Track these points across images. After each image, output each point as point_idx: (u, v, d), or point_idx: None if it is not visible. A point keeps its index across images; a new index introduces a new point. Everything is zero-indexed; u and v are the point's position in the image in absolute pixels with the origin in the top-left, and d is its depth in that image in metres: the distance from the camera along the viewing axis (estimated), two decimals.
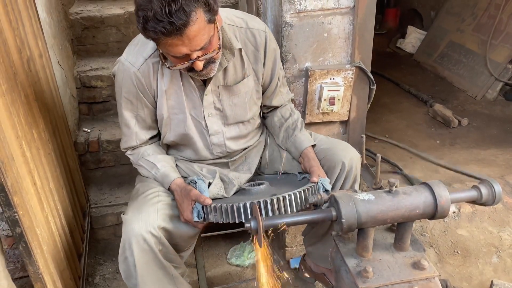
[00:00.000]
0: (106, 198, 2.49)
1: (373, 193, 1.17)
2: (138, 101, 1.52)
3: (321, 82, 1.86)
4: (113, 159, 2.64)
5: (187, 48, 1.25)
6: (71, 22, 2.91)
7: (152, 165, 1.58)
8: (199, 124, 1.57)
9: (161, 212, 1.45)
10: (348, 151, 1.61)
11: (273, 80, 1.66)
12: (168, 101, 1.52)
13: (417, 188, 1.18)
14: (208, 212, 1.43)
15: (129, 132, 1.58)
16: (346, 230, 1.13)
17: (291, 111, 1.74)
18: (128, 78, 1.47)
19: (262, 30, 1.55)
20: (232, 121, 1.60)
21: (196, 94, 1.52)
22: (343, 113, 1.97)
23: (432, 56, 4.13)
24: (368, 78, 1.93)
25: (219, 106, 1.56)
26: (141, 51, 1.47)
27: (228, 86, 1.55)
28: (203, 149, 1.62)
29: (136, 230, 1.38)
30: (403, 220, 1.17)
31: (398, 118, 3.31)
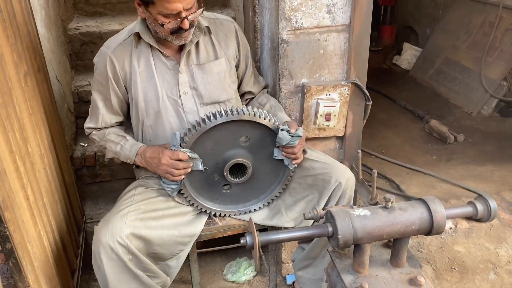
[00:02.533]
0: (102, 213, 2.47)
1: (369, 209, 1.16)
2: (108, 84, 1.60)
3: (317, 98, 1.87)
4: (109, 174, 2.62)
5: (182, 5, 1.41)
6: (69, 38, 2.92)
7: (121, 137, 1.64)
8: (175, 102, 1.62)
9: (132, 220, 1.46)
10: (346, 171, 1.63)
11: (249, 66, 1.77)
12: (141, 82, 1.59)
13: (413, 204, 1.18)
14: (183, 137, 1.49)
15: (96, 112, 1.66)
16: (343, 246, 1.12)
17: (267, 98, 1.82)
18: (102, 60, 1.58)
19: (230, 21, 1.72)
20: (208, 100, 1.64)
21: (170, 73, 1.60)
22: (339, 128, 1.97)
23: (428, 73, 4.16)
24: (363, 94, 1.93)
25: (193, 85, 1.62)
26: (116, 37, 1.62)
27: (201, 65, 1.63)
28: (178, 130, 1.64)
29: (103, 240, 1.40)
30: (399, 236, 1.16)
31: (395, 133, 3.32)
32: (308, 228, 1.20)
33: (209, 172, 1.58)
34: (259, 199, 1.69)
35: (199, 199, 1.63)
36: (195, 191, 1.61)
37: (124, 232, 1.42)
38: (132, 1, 3.36)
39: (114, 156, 1.66)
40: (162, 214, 1.55)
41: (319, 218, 1.28)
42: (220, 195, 1.66)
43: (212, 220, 1.70)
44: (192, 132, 1.48)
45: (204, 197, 1.64)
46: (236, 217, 1.71)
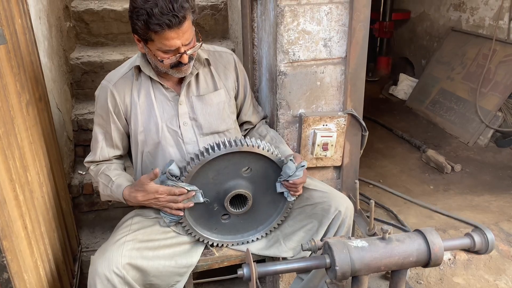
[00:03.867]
0: (98, 242, 2.45)
1: (367, 240, 1.16)
2: (108, 117, 1.62)
3: (314, 128, 1.89)
4: (106, 203, 2.61)
5: (180, 41, 1.44)
6: (71, 67, 2.97)
7: (109, 178, 1.63)
8: (175, 133, 1.64)
9: (128, 249, 1.45)
10: (344, 200, 1.64)
11: (247, 97, 1.81)
12: (141, 114, 1.62)
13: (410, 235, 1.18)
14: (178, 170, 1.49)
15: (96, 146, 1.68)
16: (340, 277, 1.12)
17: (266, 130, 1.85)
18: (104, 94, 1.61)
19: (229, 53, 1.76)
20: (207, 130, 1.66)
21: (170, 104, 1.63)
22: (336, 158, 1.99)
23: (424, 103, 4.22)
24: (360, 124, 1.96)
25: (193, 115, 1.65)
26: (118, 71, 1.65)
27: (201, 96, 1.66)
28: (178, 158, 1.65)
29: (99, 270, 1.39)
30: (397, 267, 1.16)
31: (392, 163, 3.33)
32: (306, 259, 1.20)
33: (209, 202, 1.59)
34: (258, 230, 1.69)
35: (197, 228, 1.63)
36: (193, 220, 1.61)
37: (120, 262, 1.41)
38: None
39: (110, 198, 1.66)
40: (159, 245, 1.54)
41: (317, 249, 1.28)
42: (218, 225, 1.65)
43: (209, 250, 1.69)
44: (195, 163, 1.48)
45: (202, 227, 1.64)
46: (234, 248, 1.70)
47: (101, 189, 1.65)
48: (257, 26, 2.08)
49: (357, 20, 1.78)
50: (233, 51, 3.14)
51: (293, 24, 1.77)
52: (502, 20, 3.73)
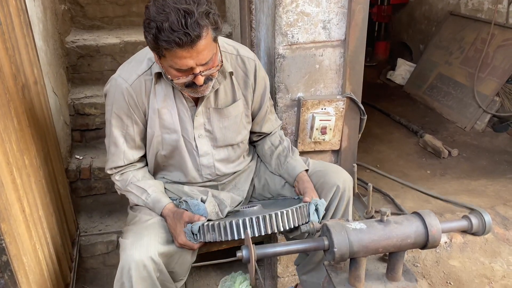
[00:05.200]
0: (96, 226, 2.45)
1: (365, 222, 1.17)
2: (128, 118, 1.52)
3: (313, 112, 1.89)
4: (104, 187, 2.62)
5: (194, 61, 1.30)
6: (67, 51, 2.94)
7: (142, 190, 1.56)
8: (190, 144, 1.58)
9: (161, 238, 1.44)
10: (341, 173, 1.63)
11: (263, 107, 1.70)
12: (160, 120, 1.53)
13: (408, 218, 1.19)
14: (205, 231, 1.42)
15: (117, 151, 1.56)
16: (338, 259, 1.12)
17: (280, 138, 1.76)
18: (120, 93, 1.48)
19: (252, 59, 1.61)
20: (222, 143, 1.62)
21: (187, 115, 1.54)
22: (334, 142, 1.99)
23: (422, 88, 4.21)
24: (359, 108, 1.95)
25: (209, 128, 1.58)
26: (134, 68, 1.50)
27: (219, 109, 1.58)
28: (192, 170, 1.62)
29: (137, 256, 1.36)
30: (395, 249, 1.16)
31: (389, 148, 3.34)
32: (304, 241, 1.20)
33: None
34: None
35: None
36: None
37: (157, 249, 1.39)
38: (129, 15, 3.41)
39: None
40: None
41: (315, 232, 1.28)
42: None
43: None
44: (215, 236, 1.41)
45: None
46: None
47: (133, 199, 1.59)
48: (255, 8, 2.06)
49: (357, 2, 1.76)
50: (231, 35, 3.11)
51: (292, 6, 1.75)
52: (501, 4, 3.70)
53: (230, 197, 1.66)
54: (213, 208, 1.56)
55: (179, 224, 1.46)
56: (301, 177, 1.64)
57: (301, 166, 1.67)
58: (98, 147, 2.78)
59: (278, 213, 1.40)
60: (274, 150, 1.74)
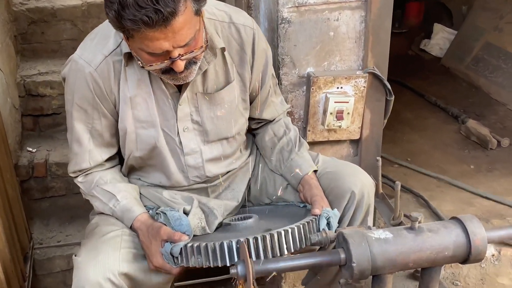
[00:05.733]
0: (54, 237, 2.46)
1: (391, 230, 1.17)
2: (94, 110, 1.51)
3: (326, 91, 1.88)
4: (64, 187, 2.62)
5: (170, 43, 1.27)
6: (14, 15, 2.93)
7: (110, 195, 1.55)
8: (172, 140, 1.57)
9: (125, 254, 1.44)
10: (358, 176, 1.62)
11: (264, 87, 1.68)
12: (134, 111, 1.52)
13: (446, 225, 1.19)
14: (188, 254, 1.40)
15: (81, 150, 1.56)
16: (358, 277, 1.13)
17: (285, 127, 1.75)
18: (82, 80, 1.47)
19: (249, 26, 1.59)
20: (214, 137, 1.61)
21: (168, 103, 1.53)
22: (353, 130, 1.98)
23: (465, 61, 4.20)
24: (384, 87, 1.95)
25: (197, 118, 1.57)
26: (99, 47, 1.48)
27: (209, 94, 1.56)
28: (176, 172, 1.61)
29: (92, 276, 1.36)
30: (428, 264, 1.17)
31: (423, 137, 3.34)
32: (315, 254, 1.21)
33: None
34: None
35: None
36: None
37: (118, 269, 1.39)
38: None
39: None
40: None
41: (329, 242, 1.29)
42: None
43: None
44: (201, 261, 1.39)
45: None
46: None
47: (97, 206, 1.59)
48: None
49: None
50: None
51: None
52: None
53: (222, 204, 1.66)
54: (198, 222, 1.55)
55: (154, 242, 1.44)
56: (308, 180, 1.63)
57: (308, 165, 1.66)
58: (56, 137, 2.77)
59: (281, 232, 1.38)
60: (276, 142, 1.73)
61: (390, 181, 2.62)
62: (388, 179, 2.65)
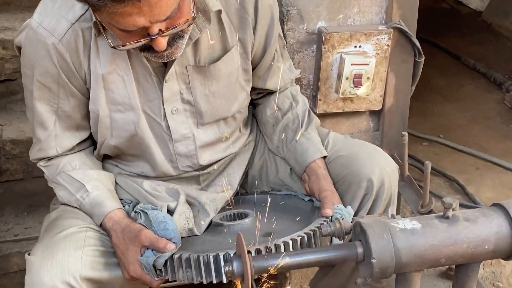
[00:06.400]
0: (10, 230, 2.47)
1: (420, 220, 1.18)
2: (60, 88, 1.50)
3: (341, 51, 1.88)
4: (21, 169, 2.62)
5: (146, 18, 1.25)
6: None
7: (79, 185, 1.55)
8: (157, 125, 1.57)
9: (89, 253, 1.45)
10: (376, 159, 1.62)
11: (268, 52, 1.67)
12: (108, 92, 1.51)
13: (486, 213, 1.19)
14: (175, 267, 1.40)
15: (45, 135, 1.56)
16: (378, 275, 1.14)
17: (292, 99, 1.75)
18: (43, 53, 1.45)
19: None
20: (210, 119, 1.61)
21: (151, 80, 1.52)
22: (374, 99, 1.98)
23: (510, 16, 4.18)
24: (412, 46, 1.95)
25: (188, 97, 1.56)
26: (63, 11, 1.45)
27: (202, 67, 1.55)
28: (162, 163, 1.62)
29: (46, 279, 1.37)
30: (464, 260, 1.18)
31: (459, 109, 3.34)
32: (327, 248, 1.21)
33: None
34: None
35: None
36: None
37: (79, 271, 1.39)
38: None
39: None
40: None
41: (344, 234, 1.29)
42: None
43: None
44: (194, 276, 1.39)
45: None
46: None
47: (62, 196, 1.59)
48: None
49: None
50: None
51: None
52: None
53: (216, 199, 1.66)
54: (185, 223, 1.55)
55: (132, 247, 1.44)
56: (315, 169, 1.63)
57: (316, 150, 1.66)
58: (11, 109, 2.77)
59: (288, 243, 1.37)
60: (280, 118, 1.73)
61: (418, 162, 2.63)
62: (416, 160, 2.66)
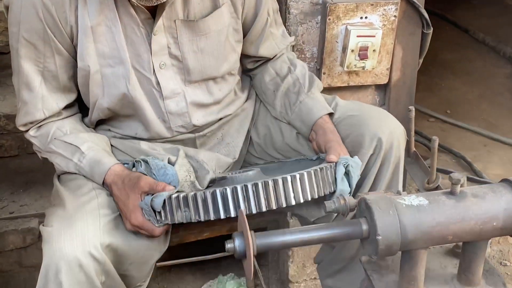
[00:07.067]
0: (6, 207, 2.48)
1: (426, 196, 1.17)
2: (46, 45, 1.51)
3: (346, 23, 1.87)
4: (15, 145, 2.62)
5: None
6: None
7: (73, 148, 1.56)
8: (147, 81, 1.58)
9: (106, 223, 1.45)
10: (385, 120, 1.63)
11: (260, 15, 1.68)
12: (97, 44, 1.52)
13: (495, 188, 1.19)
14: (173, 208, 1.41)
15: (31, 96, 1.56)
16: (384, 253, 1.14)
17: (289, 63, 1.76)
18: (29, 7, 1.47)
19: None
20: (198, 77, 1.62)
21: (139, 33, 1.53)
22: (380, 72, 1.98)
23: None
24: (420, 17, 1.94)
25: (176, 52, 1.58)
26: None
27: (191, 22, 1.57)
28: (155, 122, 1.62)
29: (68, 251, 1.37)
30: (472, 238, 1.17)
31: (467, 84, 3.33)
32: (331, 225, 1.21)
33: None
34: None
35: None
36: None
37: (100, 239, 1.40)
38: None
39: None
40: None
41: (348, 211, 1.29)
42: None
43: None
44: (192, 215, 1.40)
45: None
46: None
47: (59, 163, 1.59)
48: None
49: None
50: None
51: None
52: None
53: (214, 158, 1.67)
54: (186, 174, 1.56)
55: (132, 195, 1.46)
56: (321, 124, 1.64)
57: (321, 107, 1.67)
58: (4, 83, 2.77)
59: (287, 178, 1.38)
60: (280, 83, 1.74)
61: (424, 139, 2.63)
62: (422, 136, 2.66)
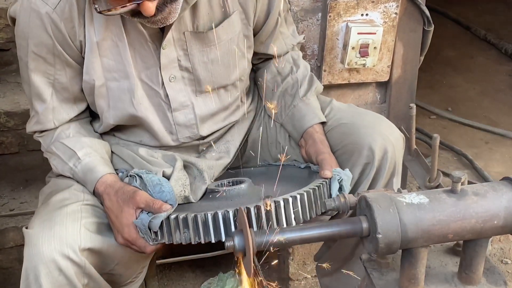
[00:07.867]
0: (6, 204, 2.48)
1: (427, 194, 1.17)
2: (56, 59, 1.51)
3: (347, 20, 1.87)
4: (16, 142, 2.62)
5: None
6: None
7: (71, 153, 1.56)
8: (155, 94, 1.57)
9: (87, 225, 1.45)
10: (378, 127, 1.61)
11: (271, 16, 1.67)
12: (103, 58, 1.51)
13: (496, 187, 1.19)
14: (172, 228, 1.41)
15: (43, 108, 1.57)
16: (384, 251, 1.14)
17: (292, 63, 1.75)
18: (37, 23, 1.46)
19: None
20: (209, 87, 1.61)
21: (148, 47, 1.52)
22: (381, 69, 1.98)
23: None
24: (421, 14, 1.94)
25: (186, 64, 1.57)
26: None
27: (200, 33, 1.55)
28: (162, 133, 1.62)
29: (46, 253, 1.38)
30: (472, 236, 1.17)
31: (468, 81, 3.33)
32: (331, 223, 1.21)
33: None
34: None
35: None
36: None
37: (78, 243, 1.40)
38: None
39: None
40: None
41: (348, 209, 1.29)
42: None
43: None
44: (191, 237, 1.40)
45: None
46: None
47: (56, 165, 1.60)
48: None
49: None
50: None
51: None
52: None
53: (214, 166, 1.67)
54: (181, 189, 1.55)
55: (127, 209, 1.45)
56: (311, 134, 1.63)
57: (314, 115, 1.66)
58: (5, 80, 2.76)
59: (288, 200, 1.39)
60: (279, 82, 1.73)
61: (426, 136, 2.63)
62: (424, 134, 2.65)
